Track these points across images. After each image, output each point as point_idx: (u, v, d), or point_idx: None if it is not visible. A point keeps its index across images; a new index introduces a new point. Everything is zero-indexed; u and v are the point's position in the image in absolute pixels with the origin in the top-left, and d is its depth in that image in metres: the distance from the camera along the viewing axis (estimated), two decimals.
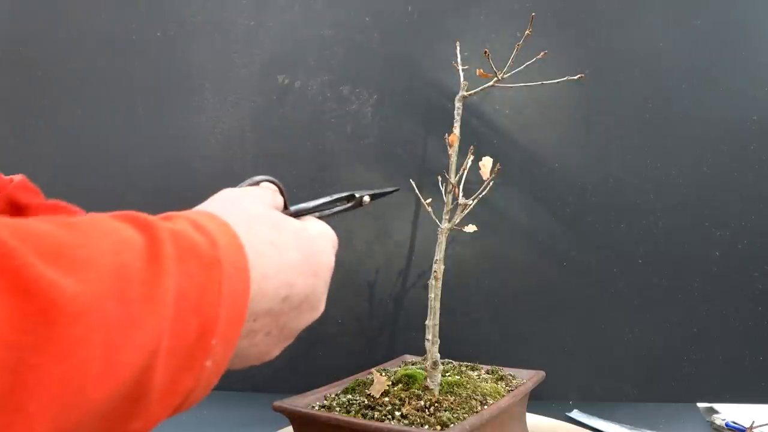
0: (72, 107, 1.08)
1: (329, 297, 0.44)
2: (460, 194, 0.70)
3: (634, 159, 1.01)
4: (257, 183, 0.49)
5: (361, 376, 0.72)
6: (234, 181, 0.47)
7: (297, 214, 0.50)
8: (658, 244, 1.01)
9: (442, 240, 0.69)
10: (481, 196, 0.70)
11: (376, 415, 0.61)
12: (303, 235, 0.42)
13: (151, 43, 1.07)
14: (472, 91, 0.70)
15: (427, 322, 0.69)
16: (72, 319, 0.26)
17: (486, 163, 0.69)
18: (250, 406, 0.66)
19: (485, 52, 0.68)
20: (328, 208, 0.54)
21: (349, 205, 0.56)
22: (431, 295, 0.69)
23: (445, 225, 0.69)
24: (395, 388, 0.67)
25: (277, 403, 0.62)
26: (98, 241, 0.29)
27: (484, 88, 0.70)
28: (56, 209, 0.58)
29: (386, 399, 0.65)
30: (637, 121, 1.01)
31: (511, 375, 0.76)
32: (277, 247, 0.39)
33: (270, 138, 1.06)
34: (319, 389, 0.69)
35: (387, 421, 0.60)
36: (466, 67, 0.71)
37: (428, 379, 0.67)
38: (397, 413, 0.61)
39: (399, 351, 0.91)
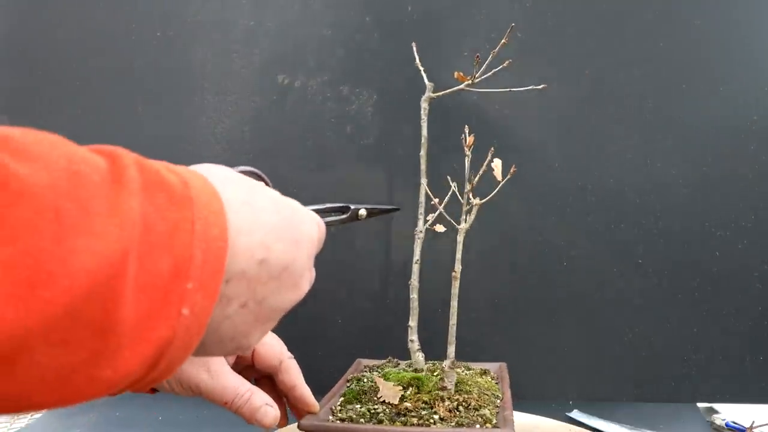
0: (72, 107, 1.08)
1: (330, 296, 0.44)
2: (470, 195, 0.70)
3: (634, 159, 1.01)
4: (244, 173, 0.46)
5: (339, 388, 0.69)
6: None
7: None
8: (658, 244, 1.01)
9: (454, 241, 0.70)
10: (482, 197, 0.70)
11: (416, 422, 0.59)
12: (283, 203, 0.39)
13: (151, 43, 1.07)
14: (439, 93, 0.71)
15: (410, 323, 0.70)
16: (16, 198, 0.24)
17: (498, 165, 0.69)
18: None
19: (476, 57, 0.68)
20: (320, 216, 0.52)
21: (344, 216, 0.54)
22: (413, 296, 0.70)
23: (463, 225, 0.70)
24: (407, 392, 0.65)
25: (305, 423, 0.59)
26: (54, 147, 0.27)
27: (452, 91, 0.70)
28: None
29: (407, 404, 0.62)
30: (637, 121, 1.01)
31: (483, 369, 0.75)
32: (253, 207, 0.36)
33: (270, 138, 1.06)
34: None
35: (437, 425, 0.58)
36: (464, 68, 0.71)
37: (445, 379, 0.67)
38: (435, 416, 0.60)
39: (399, 351, 0.91)
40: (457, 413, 0.61)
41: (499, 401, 0.65)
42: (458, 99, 0.71)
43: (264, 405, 0.55)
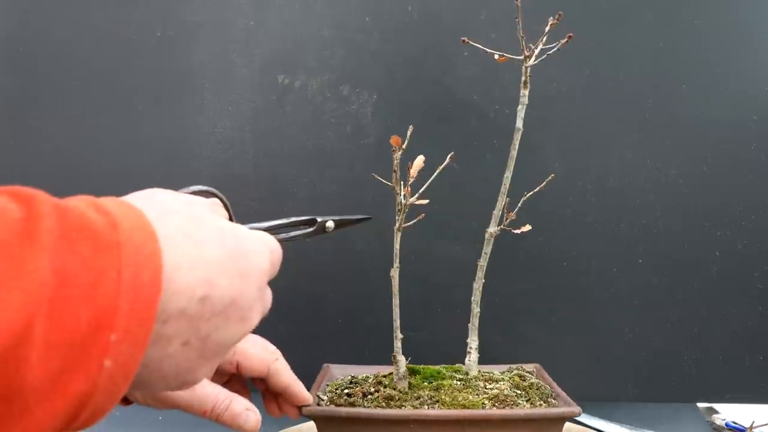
0: (72, 107, 1.08)
1: (330, 295, 0.43)
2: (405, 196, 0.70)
3: (634, 159, 1.01)
4: (197, 193, 0.45)
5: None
6: (234, 181, 0.47)
7: None
8: (658, 244, 1.01)
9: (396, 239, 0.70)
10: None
11: (334, 395, 0.69)
12: (228, 233, 0.37)
13: (151, 43, 1.07)
14: (526, 79, 0.71)
15: (470, 324, 0.72)
16: None
17: (416, 163, 0.70)
18: None
19: (463, 41, 0.68)
20: (284, 231, 0.50)
21: (310, 230, 0.53)
22: (474, 298, 0.70)
23: (396, 225, 0.71)
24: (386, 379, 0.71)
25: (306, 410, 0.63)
26: None
27: (527, 68, 0.71)
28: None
29: (357, 388, 0.69)
30: (637, 120, 1.01)
31: (535, 403, 0.69)
32: (194, 241, 0.34)
33: (270, 138, 1.06)
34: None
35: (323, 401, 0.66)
36: (464, 67, 0.71)
37: (394, 373, 0.70)
38: (350, 396, 0.68)
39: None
40: (361, 400, 0.66)
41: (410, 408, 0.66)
42: (458, 99, 0.71)
43: (245, 410, 0.56)
